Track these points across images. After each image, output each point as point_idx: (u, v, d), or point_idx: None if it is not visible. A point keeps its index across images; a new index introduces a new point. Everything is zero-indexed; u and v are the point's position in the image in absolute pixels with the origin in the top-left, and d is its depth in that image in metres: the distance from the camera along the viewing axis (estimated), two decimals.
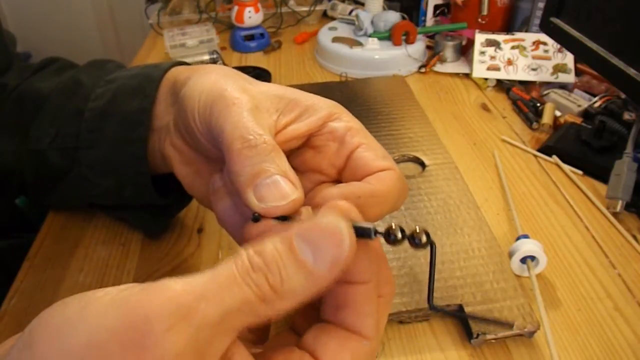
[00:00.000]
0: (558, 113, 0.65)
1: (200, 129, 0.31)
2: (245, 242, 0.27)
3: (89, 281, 0.44)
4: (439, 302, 0.39)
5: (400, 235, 0.23)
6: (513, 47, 0.77)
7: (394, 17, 0.82)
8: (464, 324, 0.38)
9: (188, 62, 0.41)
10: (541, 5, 0.79)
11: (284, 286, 0.20)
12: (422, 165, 0.55)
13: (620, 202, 0.49)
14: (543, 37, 0.75)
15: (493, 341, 0.37)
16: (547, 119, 0.64)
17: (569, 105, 0.66)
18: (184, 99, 0.32)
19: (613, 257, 0.46)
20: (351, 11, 0.93)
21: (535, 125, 0.65)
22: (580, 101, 0.67)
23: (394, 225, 0.23)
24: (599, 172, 0.55)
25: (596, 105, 0.65)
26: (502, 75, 0.75)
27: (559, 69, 0.73)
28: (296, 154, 0.31)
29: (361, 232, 0.23)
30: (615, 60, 0.49)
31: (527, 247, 0.42)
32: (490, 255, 0.43)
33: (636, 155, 0.52)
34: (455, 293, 0.40)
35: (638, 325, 0.39)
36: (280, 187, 0.25)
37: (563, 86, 0.72)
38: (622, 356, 0.37)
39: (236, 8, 0.89)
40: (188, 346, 0.18)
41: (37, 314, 0.19)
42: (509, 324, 0.26)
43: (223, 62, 0.84)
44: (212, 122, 0.29)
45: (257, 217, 0.25)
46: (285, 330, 0.27)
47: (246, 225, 0.26)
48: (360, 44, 0.81)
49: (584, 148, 0.58)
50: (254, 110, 0.28)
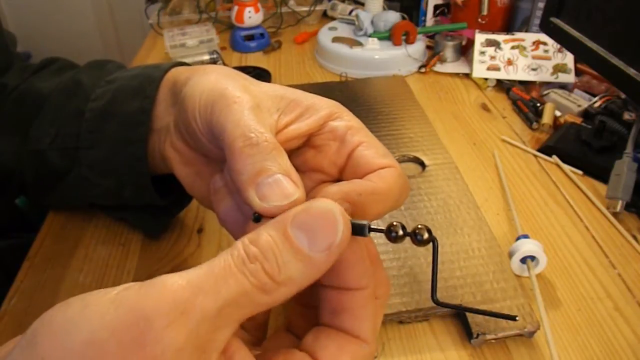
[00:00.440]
0: (558, 113, 0.65)
1: (201, 129, 0.31)
2: None
3: (89, 281, 0.44)
4: None
5: (401, 232, 0.23)
6: (513, 47, 0.77)
7: (394, 17, 0.82)
8: (464, 324, 0.38)
9: (188, 63, 0.41)
10: (541, 5, 0.79)
11: (282, 273, 0.20)
12: (422, 165, 0.55)
13: (620, 202, 0.49)
14: (543, 37, 0.75)
15: (493, 341, 0.37)
16: (547, 119, 0.64)
17: (569, 105, 0.66)
18: (184, 99, 0.32)
19: (613, 257, 0.46)
20: (351, 11, 0.93)
21: (535, 125, 0.65)
22: (580, 101, 0.67)
23: (395, 223, 0.24)
24: (599, 172, 0.55)
25: (596, 105, 0.65)
26: (502, 75, 0.75)
27: (559, 69, 0.73)
28: (297, 154, 0.31)
29: (355, 229, 0.23)
30: (615, 60, 0.49)
31: (527, 247, 0.42)
32: (490, 255, 0.43)
33: (636, 155, 0.52)
34: (455, 293, 0.40)
35: (638, 325, 0.39)
36: (283, 186, 0.25)
37: (563, 86, 0.72)
38: (622, 356, 0.37)
39: (236, 8, 0.89)
40: (188, 341, 0.18)
41: (37, 314, 0.19)
42: (511, 316, 0.27)
43: (223, 62, 0.84)
44: (213, 122, 0.29)
45: (258, 217, 0.25)
46: (282, 331, 0.27)
47: (247, 225, 0.26)
48: (360, 44, 0.81)
49: (584, 148, 0.58)
50: (255, 109, 0.28)
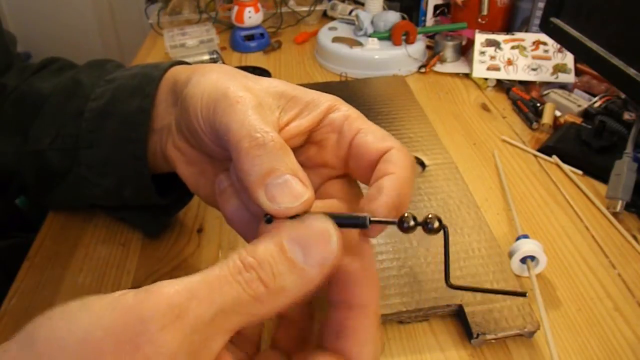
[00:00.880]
0: (558, 113, 0.65)
1: (203, 129, 0.30)
2: None
3: (89, 281, 0.44)
4: (439, 302, 0.39)
5: (413, 222, 0.24)
6: (513, 47, 0.76)
7: (394, 17, 0.82)
8: (464, 324, 0.38)
9: (188, 62, 0.41)
10: (541, 5, 0.79)
11: (276, 283, 0.20)
12: (422, 165, 0.55)
13: (620, 202, 0.49)
14: (543, 37, 0.75)
15: (493, 341, 0.37)
16: (547, 119, 0.64)
17: (569, 105, 0.66)
18: (185, 99, 0.32)
19: (613, 257, 0.46)
20: (351, 11, 0.93)
21: (535, 125, 0.65)
22: (580, 101, 0.67)
23: (406, 214, 0.24)
24: (599, 172, 0.55)
25: (596, 105, 0.65)
26: (502, 75, 0.75)
27: (559, 69, 0.73)
28: (300, 151, 0.31)
29: (356, 223, 0.24)
30: (615, 60, 0.49)
31: (527, 247, 0.42)
32: (490, 255, 0.43)
33: (636, 155, 0.52)
34: (455, 293, 0.40)
35: (638, 325, 0.39)
36: (292, 187, 0.25)
37: (563, 86, 0.72)
38: (622, 356, 0.37)
39: (236, 8, 0.89)
40: (182, 346, 0.18)
41: (37, 314, 0.19)
42: (521, 293, 0.27)
43: (223, 62, 0.84)
44: (216, 122, 0.29)
45: (269, 219, 0.25)
46: (269, 349, 0.27)
47: (260, 227, 0.26)
48: (360, 44, 0.81)
49: (584, 148, 0.58)
50: (258, 108, 0.28)
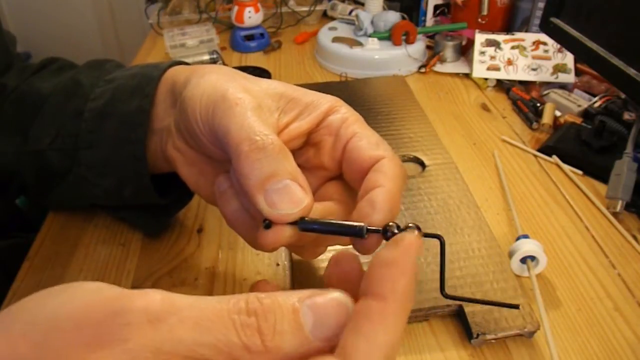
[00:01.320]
0: (558, 113, 0.65)
1: (202, 131, 0.30)
2: (259, 248, 0.27)
3: (89, 281, 0.44)
4: (438, 302, 0.39)
5: (396, 230, 0.24)
6: (513, 47, 0.76)
7: (394, 17, 0.82)
8: (464, 324, 0.38)
9: (187, 62, 0.41)
10: (541, 5, 0.79)
11: (274, 339, 0.19)
12: (422, 165, 0.55)
13: (620, 202, 0.49)
14: (543, 37, 0.75)
15: (493, 341, 0.37)
16: (547, 119, 0.64)
17: (569, 105, 0.66)
18: (184, 101, 0.32)
19: (613, 257, 0.46)
20: (351, 11, 0.92)
21: (535, 125, 0.65)
22: (580, 101, 0.67)
23: (390, 223, 0.25)
24: (599, 172, 0.55)
25: (596, 105, 0.65)
26: (502, 75, 0.75)
27: (559, 69, 0.73)
28: (299, 153, 0.31)
29: (354, 232, 0.24)
30: (615, 60, 0.49)
31: (527, 247, 0.42)
32: (490, 255, 0.43)
33: (636, 155, 0.52)
34: (455, 293, 0.40)
35: (638, 325, 0.39)
36: (292, 192, 0.24)
37: (563, 86, 0.72)
38: (622, 356, 0.37)
39: (236, 8, 0.89)
40: (146, 349, 0.17)
41: None
42: (514, 305, 0.28)
43: (223, 62, 0.84)
44: (215, 124, 0.28)
45: (268, 224, 0.25)
46: None
47: (260, 232, 0.26)
48: (360, 44, 0.81)
49: (584, 148, 0.58)
50: (257, 110, 0.28)
